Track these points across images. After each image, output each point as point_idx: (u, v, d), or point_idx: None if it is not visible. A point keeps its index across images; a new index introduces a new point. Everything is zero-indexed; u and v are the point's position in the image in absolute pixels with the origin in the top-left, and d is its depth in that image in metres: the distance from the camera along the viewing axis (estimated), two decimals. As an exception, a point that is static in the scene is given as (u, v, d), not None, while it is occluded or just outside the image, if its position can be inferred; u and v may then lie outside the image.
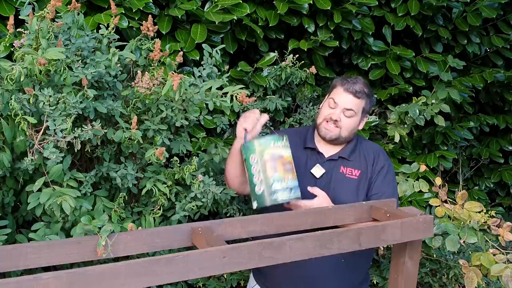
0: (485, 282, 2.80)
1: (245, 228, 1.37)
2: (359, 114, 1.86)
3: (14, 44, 1.57)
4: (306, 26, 2.71)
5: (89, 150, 1.63)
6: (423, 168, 2.75)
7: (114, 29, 1.76)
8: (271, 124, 2.61)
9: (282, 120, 2.72)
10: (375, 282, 2.75)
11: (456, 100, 3.03)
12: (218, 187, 1.74)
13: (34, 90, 1.45)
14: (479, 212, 2.22)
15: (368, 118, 2.64)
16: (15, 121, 1.43)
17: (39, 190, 1.49)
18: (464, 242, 2.13)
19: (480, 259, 2.09)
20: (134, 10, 2.21)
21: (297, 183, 1.65)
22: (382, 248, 2.69)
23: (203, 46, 1.87)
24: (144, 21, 1.83)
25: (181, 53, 1.82)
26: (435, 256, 2.75)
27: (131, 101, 1.69)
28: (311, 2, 2.59)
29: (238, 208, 2.12)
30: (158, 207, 1.73)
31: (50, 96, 1.44)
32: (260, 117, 1.74)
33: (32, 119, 1.43)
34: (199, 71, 1.81)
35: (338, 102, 1.83)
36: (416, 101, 3.00)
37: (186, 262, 1.08)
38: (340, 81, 1.86)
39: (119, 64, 1.68)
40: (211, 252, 1.11)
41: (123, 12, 2.19)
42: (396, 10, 3.05)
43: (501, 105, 3.70)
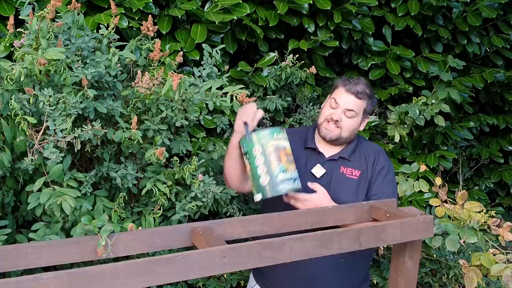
0: (485, 282, 2.79)
1: (245, 228, 1.37)
2: (360, 115, 1.86)
3: (14, 44, 1.57)
4: (306, 26, 2.71)
5: (89, 150, 1.63)
6: (423, 168, 2.74)
7: (114, 29, 1.76)
8: (271, 125, 2.61)
9: (282, 120, 2.72)
10: (375, 282, 2.75)
11: (456, 100, 3.03)
12: (218, 187, 1.74)
13: (34, 90, 1.45)
14: (479, 212, 2.22)
15: (369, 118, 2.64)
16: (15, 121, 1.43)
17: (39, 190, 1.49)
18: (464, 242, 2.13)
19: (480, 259, 2.09)
20: (134, 10, 2.21)
21: (298, 175, 1.66)
22: (382, 248, 2.69)
23: (203, 46, 1.87)
24: (144, 21, 1.83)
25: (181, 53, 1.82)
26: (435, 256, 2.75)
27: (131, 101, 1.69)
28: (311, 2, 2.59)
29: (238, 208, 2.12)
30: (158, 207, 1.73)
31: (50, 96, 1.44)
32: (257, 112, 1.74)
33: (32, 119, 1.43)
34: (199, 71, 1.81)
35: (340, 103, 1.83)
36: (416, 101, 3.00)
37: (186, 262, 1.08)
38: (342, 82, 1.86)
39: (119, 64, 1.68)
40: (211, 252, 1.11)
41: (123, 12, 2.19)
42: (396, 10, 3.05)
43: (501, 105, 3.70)
